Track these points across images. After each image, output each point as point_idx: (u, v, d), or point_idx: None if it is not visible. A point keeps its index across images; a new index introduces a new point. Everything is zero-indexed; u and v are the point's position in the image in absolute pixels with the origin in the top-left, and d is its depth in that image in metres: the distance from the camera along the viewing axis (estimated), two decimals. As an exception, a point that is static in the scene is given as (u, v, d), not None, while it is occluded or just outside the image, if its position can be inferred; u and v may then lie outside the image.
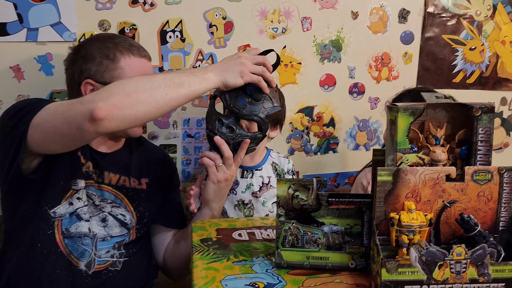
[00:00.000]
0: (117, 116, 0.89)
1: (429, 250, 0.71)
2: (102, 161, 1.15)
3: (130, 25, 1.45)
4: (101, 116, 0.86)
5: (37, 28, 1.38)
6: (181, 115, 1.54)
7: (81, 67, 1.11)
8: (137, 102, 0.91)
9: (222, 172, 1.12)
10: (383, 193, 0.77)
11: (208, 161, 1.12)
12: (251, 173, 1.39)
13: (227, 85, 1.03)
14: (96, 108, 0.86)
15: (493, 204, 0.79)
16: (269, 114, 1.10)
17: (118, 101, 0.89)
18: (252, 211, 1.36)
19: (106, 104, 0.87)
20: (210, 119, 1.11)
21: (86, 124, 0.88)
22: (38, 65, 1.41)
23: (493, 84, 1.82)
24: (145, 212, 1.20)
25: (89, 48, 1.13)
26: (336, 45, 1.63)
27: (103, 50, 1.11)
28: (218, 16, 1.51)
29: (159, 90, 0.94)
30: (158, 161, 1.29)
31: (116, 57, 1.10)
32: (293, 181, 0.86)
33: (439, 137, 0.82)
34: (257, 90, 1.07)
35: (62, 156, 1.07)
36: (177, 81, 0.96)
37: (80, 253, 1.09)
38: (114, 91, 0.92)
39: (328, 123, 1.69)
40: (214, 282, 0.80)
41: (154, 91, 0.93)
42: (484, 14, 1.75)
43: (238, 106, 1.07)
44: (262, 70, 1.05)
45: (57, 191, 1.08)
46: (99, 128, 0.88)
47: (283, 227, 0.85)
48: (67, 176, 1.09)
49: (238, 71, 1.02)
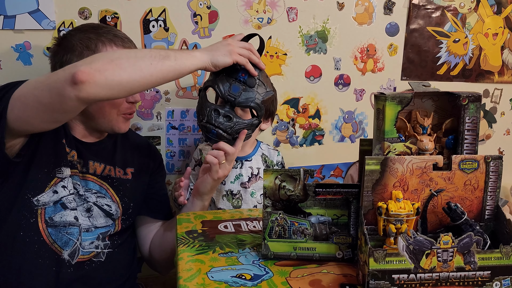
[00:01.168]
0: (99, 80, 0.86)
1: (416, 239, 0.71)
2: (86, 150, 1.12)
3: (112, 14, 1.41)
4: (82, 78, 0.84)
5: (14, 16, 1.33)
6: (164, 106, 1.52)
7: (62, 58, 1.08)
8: (120, 68, 0.89)
9: (223, 169, 1.13)
10: (370, 183, 0.77)
11: (212, 159, 1.11)
12: (241, 163, 1.38)
13: (216, 64, 1.02)
14: (77, 71, 0.84)
15: (479, 192, 0.79)
16: (264, 100, 1.10)
17: (101, 66, 0.87)
18: (241, 201, 1.36)
19: (88, 68, 0.85)
20: (205, 110, 1.09)
21: (67, 88, 0.85)
22: (16, 54, 1.36)
23: (476, 76, 1.84)
24: (130, 203, 1.18)
25: (71, 38, 1.09)
26: (321, 36, 1.62)
27: (85, 40, 1.07)
28: (202, 6, 1.49)
29: (144, 59, 0.93)
30: (143, 151, 1.27)
31: (98, 48, 1.07)
32: (280, 172, 0.85)
33: (426, 126, 0.81)
34: (250, 77, 1.07)
35: (46, 143, 1.04)
36: (163, 54, 0.95)
37: (64, 242, 1.06)
38: (98, 57, 0.91)
39: (313, 114, 1.68)
40: (200, 274, 0.78)
41: (139, 60, 0.92)
42: (468, 6, 1.76)
43: (233, 94, 1.07)
44: (248, 52, 1.06)
45: (41, 178, 1.05)
46: (80, 93, 0.85)
47: (270, 218, 0.83)
48: (51, 163, 1.06)
49: (226, 50, 1.02)
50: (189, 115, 1.55)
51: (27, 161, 1.03)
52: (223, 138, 1.10)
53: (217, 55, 1.02)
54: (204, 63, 1.01)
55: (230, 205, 1.35)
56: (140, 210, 1.24)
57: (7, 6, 1.32)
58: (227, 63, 1.03)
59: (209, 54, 1.02)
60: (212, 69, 1.03)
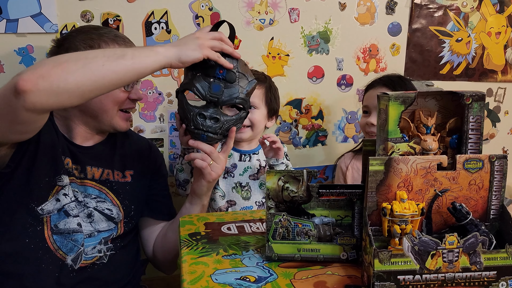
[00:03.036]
0: (43, 87, 0.78)
1: (421, 239, 0.70)
2: (83, 155, 1.12)
3: (114, 16, 1.41)
4: (25, 87, 0.77)
5: (17, 19, 1.34)
6: (167, 108, 1.52)
7: None
8: (67, 73, 0.81)
9: (215, 169, 1.09)
10: (375, 183, 0.76)
11: (201, 162, 1.07)
12: (249, 157, 1.41)
13: (184, 60, 0.93)
14: (19, 80, 0.77)
15: (484, 192, 0.78)
16: (248, 91, 1.04)
17: (45, 71, 0.79)
18: (250, 193, 1.39)
19: (31, 75, 0.78)
20: (188, 115, 1.03)
21: (12, 99, 0.79)
22: (19, 57, 1.37)
23: (479, 75, 1.84)
24: (131, 205, 1.18)
25: (73, 40, 1.09)
26: (324, 36, 1.62)
27: (87, 41, 1.07)
28: (204, 7, 1.49)
29: (96, 60, 0.84)
30: (142, 152, 1.26)
31: (101, 48, 1.07)
32: (283, 173, 0.85)
33: (430, 126, 0.81)
34: (229, 71, 0.99)
35: (44, 152, 1.04)
36: (118, 53, 0.87)
37: (69, 249, 1.07)
38: (43, 62, 0.83)
39: (316, 115, 1.68)
40: (203, 277, 0.78)
41: (90, 62, 0.83)
42: (470, 5, 1.76)
43: (215, 94, 1.00)
44: (219, 43, 0.97)
45: (43, 188, 1.05)
46: (25, 103, 0.78)
47: (273, 220, 0.83)
48: (51, 172, 1.06)
49: (195, 44, 0.94)
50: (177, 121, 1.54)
51: (26, 171, 1.02)
52: (214, 140, 1.06)
53: (185, 49, 0.93)
54: (169, 59, 0.92)
55: (239, 196, 1.38)
56: (142, 212, 1.24)
57: (9, 10, 1.33)
58: (197, 58, 0.94)
59: (175, 49, 0.92)
60: (179, 65, 0.93)
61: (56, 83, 0.80)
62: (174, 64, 0.93)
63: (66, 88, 0.81)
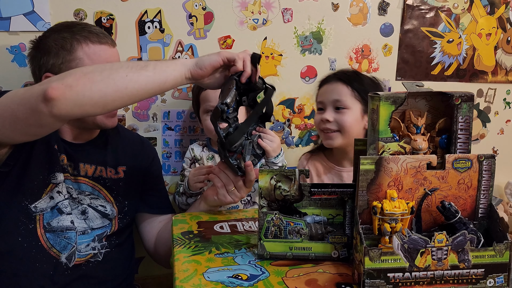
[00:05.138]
0: (70, 96, 0.82)
1: (411, 237, 0.71)
2: (76, 153, 1.12)
3: (107, 15, 1.41)
4: (53, 95, 0.81)
5: (9, 17, 1.33)
6: (160, 107, 1.52)
7: (40, 61, 1.06)
8: (92, 82, 0.84)
9: (233, 196, 1.06)
10: (365, 182, 0.77)
11: (219, 181, 1.05)
12: None
13: (200, 64, 0.93)
14: (49, 88, 0.81)
15: (472, 191, 0.79)
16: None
17: (72, 81, 0.83)
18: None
19: (60, 84, 0.82)
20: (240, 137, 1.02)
21: (40, 104, 0.82)
22: (11, 56, 1.36)
23: (470, 76, 1.86)
24: (125, 201, 1.18)
25: (46, 40, 1.07)
26: (316, 36, 1.63)
27: (59, 41, 1.05)
28: (198, 7, 1.49)
29: (119, 71, 0.87)
30: (135, 148, 1.25)
31: (73, 47, 1.05)
32: (276, 172, 0.85)
33: (420, 126, 0.82)
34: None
35: (39, 150, 1.04)
36: (141, 64, 0.90)
37: (63, 247, 1.07)
38: (72, 72, 0.87)
39: (309, 115, 1.69)
40: (196, 275, 0.79)
41: (114, 72, 0.86)
42: (461, 7, 1.78)
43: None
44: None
45: (37, 185, 1.05)
46: (53, 109, 0.82)
47: (265, 218, 0.84)
48: (46, 170, 1.06)
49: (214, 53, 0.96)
50: (185, 116, 1.55)
51: (21, 168, 1.02)
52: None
53: (203, 57, 0.94)
54: (187, 66, 0.93)
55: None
56: (137, 207, 1.24)
57: (2, 8, 1.32)
58: (215, 61, 0.94)
59: (194, 59, 0.94)
60: (198, 72, 0.93)
61: (82, 93, 0.83)
62: (193, 72, 0.93)
63: (90, 97, 0.84)
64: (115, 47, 1.13)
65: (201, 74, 0.94)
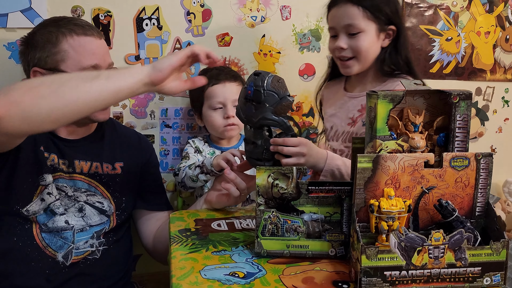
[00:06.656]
0: (15, 114, 0.76)
1: (408, 236, 0.71)
2: (70, 150, 1.11)
3: (105, 12, 1.40)
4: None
5: (6, 14, 1.33)
6: (158, 104, 1.52)
7: (28, 57, 1.07)
8: (39, 97, 0.78)
9: (243, 197, 1.08)
10: (363, 180, 0.77)
11: (235, 191, 1.04)
12: None
13: (158, 67, 0.84)
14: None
15: (470, 189, 0.79)
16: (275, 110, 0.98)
17: (17, 97, 0.77)
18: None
19: (3, 101, 0.76)
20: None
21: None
22: (8, 52, 1.35)
23: (468, 74, 1.86)
24: (122, 197, 1.18)
25: (33, 35, 1.08)
26: (315, 34, 1.63)
27: (46, 35, 1.05)
28: (196, 4, 1.49)
29: (70, 82, 0.81)
30: (132, 144, 1.25)
31: (58, 40, 1.04)
32: (273, 170, 0.85)
33: (418, 124, 0.82)
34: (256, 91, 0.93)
35: (26, 153, 1.03)
36: (94, 74, 0.84)
37: (59, 246, 1.07)
38: (16, 87, 0.79)
39: (307, 113, 1.68)
40: (193, 273, 0.79)
41: (63, 85, 0.80)
42: (460, 5, 1.77)
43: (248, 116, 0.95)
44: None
45: (27, 188, 1.04)
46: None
47: (263, 216, 0.84)
48: (34, 172, 1.05)
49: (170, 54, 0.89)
50: (183, 113, 1.55)
51: (9, 173, 1.02)
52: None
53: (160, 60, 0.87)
54: (144, 71, 0.84)
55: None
56: (135, 203, 1.23)
57: (-1, 4, 1.32)
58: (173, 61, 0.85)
59: (151, 64, 0.87)
60: (158, 75, 0.84)
61: (28, 109, 0.78)
62: (152, 76, 0.84)
63: (38, 113, 0.78)
64: (102, 39, 1.11)
65: (161, 77, 0.85)
